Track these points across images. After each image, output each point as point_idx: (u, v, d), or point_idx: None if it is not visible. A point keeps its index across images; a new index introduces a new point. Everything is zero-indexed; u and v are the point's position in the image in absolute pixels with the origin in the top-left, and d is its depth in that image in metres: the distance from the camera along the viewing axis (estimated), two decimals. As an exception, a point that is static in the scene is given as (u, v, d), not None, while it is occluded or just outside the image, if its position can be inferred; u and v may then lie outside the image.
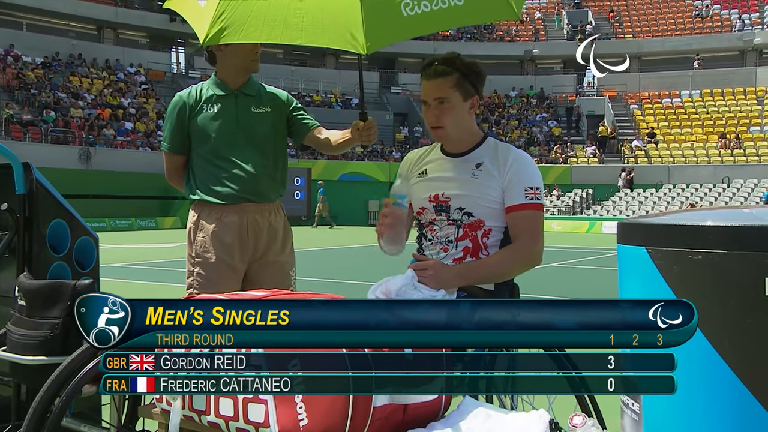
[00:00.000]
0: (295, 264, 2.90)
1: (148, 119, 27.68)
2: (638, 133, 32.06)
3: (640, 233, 1.28)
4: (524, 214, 2.15)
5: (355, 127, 2.57)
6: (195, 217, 2.75)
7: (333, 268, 11.05)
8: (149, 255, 12.94)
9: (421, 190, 2.26)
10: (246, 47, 2.66)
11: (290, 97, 2.89)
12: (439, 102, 2.16)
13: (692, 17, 37.46)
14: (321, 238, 18.58)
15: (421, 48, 38.04)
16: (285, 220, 2.87)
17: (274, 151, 2.79)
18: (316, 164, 28.00)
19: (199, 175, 2.74)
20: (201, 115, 2.72)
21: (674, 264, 1.21)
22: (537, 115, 34.94)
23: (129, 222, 22.93)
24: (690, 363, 1.19)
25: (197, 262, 2.72)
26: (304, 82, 34.39)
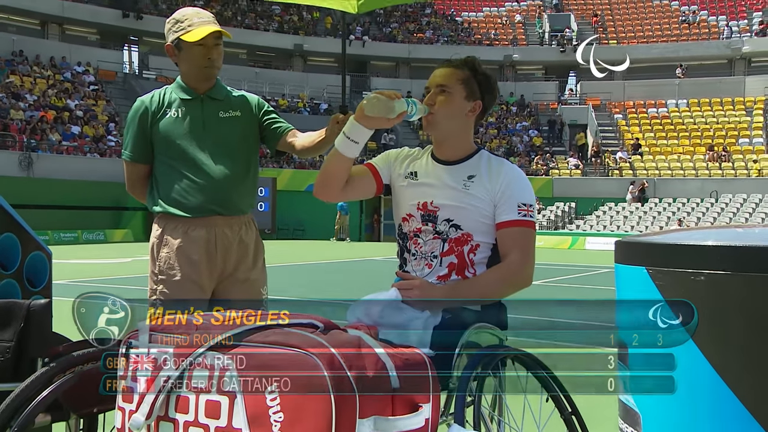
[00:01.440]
0: (266, 281, 2.89)
1: (97, 123, 27.28)
2: (623, 144, 32.63)
3: (639, 253, 1.32)
4: (516, 231, 2.17)
5: (334, 120, 2.58)
6: (159, 231, 2.73)
7: (304, 284, 11.00)
8: (98, 271, 12.73)
9: (410, 195, 2.27)
10: (199, 48, 2.66)
11: (261, 100, 2.89)
12: (441, 89, 2.20)
13: (679, 23, 38.41)
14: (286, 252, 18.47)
15: (394, 51, 38.33)
16: (257, 234, 2.87)
17: (245, 159, 2.79)
18: (282, 174, 27.92)
19: (163, 185, 2.72)
20: (164, 121, 2.72)
21: (676, 285, 1.25)
22: (517, 123, 35.37)
23: (75, 235, 22.52)
24: (693, 388, 1.23)
25: (161, 280, 2.70)
26: (269, 86, 34.31)
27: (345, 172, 2.23)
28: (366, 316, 1.95)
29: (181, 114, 2.73)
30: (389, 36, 39.04)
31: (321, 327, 1.67)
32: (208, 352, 1.59)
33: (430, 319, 2.01)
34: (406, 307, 2.01)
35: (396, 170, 2.33)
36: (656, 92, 34.77)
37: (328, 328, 1.68)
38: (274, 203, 26.85)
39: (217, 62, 2.73)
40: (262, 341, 1.58)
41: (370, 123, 2.10)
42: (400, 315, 1.97)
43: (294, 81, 35.50)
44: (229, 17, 36.05)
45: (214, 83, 2.79)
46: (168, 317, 1.78)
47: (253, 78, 34.07)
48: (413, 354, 1.77)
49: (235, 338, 1.61)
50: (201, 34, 2.63)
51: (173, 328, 1.70)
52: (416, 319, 1.99)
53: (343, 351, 1.57)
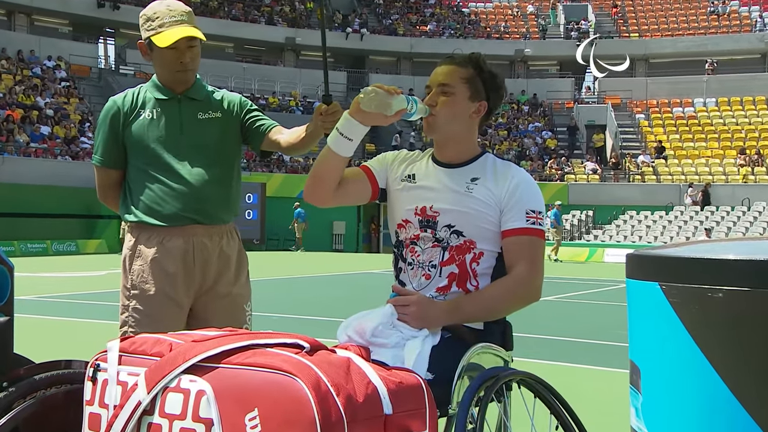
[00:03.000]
0: (250, 297, 2.90)
1: (70, 123, 27.33)
2: (645, 146, 32.70)
3: (652, 267, 1.33)
4: (524, 239, 2.18)
5: (318, 111, 2.58)
6: (132, 241, 2.75)
7: (294, 301, 11.01)
8: (69, 286, 12.73)
9: (407, 199, 2.28)
10: (171, 52, 2.66)
11: (244, 99, 2.91)
12: (443, 88, 2.21)
13: (707, 15, 38.58)
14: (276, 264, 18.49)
15: (395, 45, 38.47)
16: (239, 245, 2.88)
17: (226, 163, 2.81)
18: (272, 179, 27.98)
19: (136, 192, 2.74)
20: (138, 123, 2.74)
21: (691, 302, 1.26)
22: (529, 124, 35.45)
23: (44, 245, 22.52)
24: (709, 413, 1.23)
25: (133, 295, 2.70)
26: (258, 82, 34.42)
27: (338, 173, 2.23)
28: (357, 335, 1.95)
29: (156, 115, 2.75)
30: (389, 29, 39.19)
31: (307, 347, 1.67)
32: (183, 375, 1.59)
33: (428, 338, 2.01)
34: (401, 325, 2.01)
35: (393, 173, 2.34)
36: (682, 90, 34.87)
37: (315, 349, 1.68)
38: (263, 211, 26.89)
39: (191, 65, 2.74)
40: (242, 363, 1.59)
41: (365, 119, 2.11)
42: (394, 334, 1.97)
43: (285, 77, 35.61)
44: (214, 8, 36.21)
45: (193, 82, 2.81)
46: (140, 336, 1.78)
47: (241, 74, 34.19)
48: (408, 377, 1.78)
49: (212, 359, 1.61)
50: (171, 39, 2.64)
51: (145, 348, 1.71)
52: (413, 338, 1.99)
53: (331, 373, 1.57)
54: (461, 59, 2.24)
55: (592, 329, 8.39)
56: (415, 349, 1.93)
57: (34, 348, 1.93)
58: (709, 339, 1.24)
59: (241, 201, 13.31)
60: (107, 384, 1.68)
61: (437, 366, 1.95)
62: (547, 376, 2.27)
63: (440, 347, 2.01)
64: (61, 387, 1.95)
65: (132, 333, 2.59)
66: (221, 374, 1.58)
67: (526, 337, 7.04)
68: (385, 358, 1.88)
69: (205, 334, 1.80)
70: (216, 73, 31.05)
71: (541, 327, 8.33)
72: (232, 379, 1.56)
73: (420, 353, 1.92)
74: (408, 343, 1.95)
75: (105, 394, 1.68)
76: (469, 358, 2.05)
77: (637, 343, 1.38)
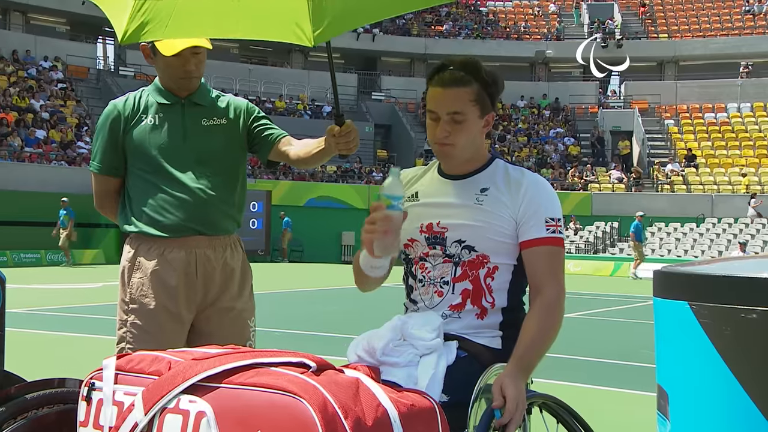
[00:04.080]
0: (254, 312, 2.91)
1: (66, 126, 27.54)
2: (674, 154, 32.58)
3: (681, 285, 1.32)
4: (545, 250, 2.17)
5: (329, 133, 2.58)
6: (131, 253, 2.76)
7: (301, 316, 11.00)
8: (64, 298, 12.79)
9: (411, 218, 2.26)
10: (175, 59, 2.70)
11: (251, 106, 2.93)
12: (454, 117, 2.18)
13: (741, 14, 38.47)
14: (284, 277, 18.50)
15: (409, 46, 38.57)
16: (244, 257, 2.90)
17: (231, 172, 2.83)
18: (278, 186, 28.06)
19: (136, 201, 2.76)
20: (139, 128, 2.76)
21: (724, 323, 1.25)
22: (550, 130, 35.42)
23: (37, 255, 22.65)
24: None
25: (132, 309, 2.72)
26: (264, 85, 34.60)
27: (384, 279, 2.30)
28: (368, 354, 1.94)
29: (158, 121, 2.77)
30: (403, 29, 39.30)
31: (313, 367, 1.67)
32: (183, 395, 1.59)
33: (443, 356, 2.00)
34: (413, 337, 1.99)
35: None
36: (714, 94, 34.76)
37: (322, 369, 1.68)
38: (268, 220, 26.97)
39: (196, 72, 2.78)
40: (245, 383, 1.59)
41: (384, 253, 2.14)
42: (406, 351, 1.96)
43: (293, 79, 35.77)
44: (218, 6, 36.41)
45: (198, 86, 2.83)
46: (137, 353, 1.79)
47: (247, 76, 34.39)
48: (420, 399, 1.77)
49: (213, 379, 1.61)
50: (176, 48, 2.69)
51: (143, 366, 1.71)
52: (426, 355, 1.98)
53: (339, 395, 1.57)
54: (463, 78, 2.17)
55: (617, 349, 8.34)
56: (429, 368, 1.92)
57: (26, 365, 1.94)
58: (743, 363, 1.23)
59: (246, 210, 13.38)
60: (102, 404, 1.68)
61: (452, 387, 1.95)
62: (569, 398, 2.26)
63: (456, 367, 2.00)
64: (53, 407, 1.95)
65: (130, 349, 2.61)
66: (222, 394, 1.58)
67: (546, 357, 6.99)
68: (397, 378, 1.87)
69: (206, 351, 1.80)
70: (220, 75, 31.23)
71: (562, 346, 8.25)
72: (234, 400, 1.56)
73: (434, 374, 1.92)
74: (422, 361, 1.94)
75: (100, 414, 1.68)
76: (486, 379, 2.04)
77: (665, 366, 1.37)
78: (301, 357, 1.70)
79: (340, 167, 30.89)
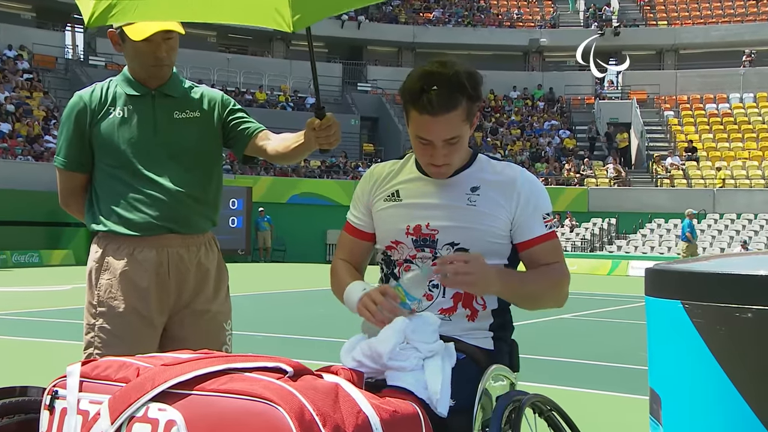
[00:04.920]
0: (231, 315, 2.91)
1: (32, 119, 27.36)
2: (674, 147, 32.74)
3: (674, 283, 1.32)
4: (548, 246, 2.26)
5: (309, 126, 2.57)
6: (99, 253, 2.75)
7: (283, 319, 11.00)
8: (30, 302, 12.71)
9: (394, 219, 2.28)
10: (145, 45, 2.68)
11: (226, 97, 2.92)
12: (449, 141, 2.16)
13: (744, 0, 38.65)
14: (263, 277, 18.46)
15: (396, 34, 38.56)
16: (219, 257, 2.89)
17: (204, 167, 2.82)
18: (259, 182, 28.00)
19: (104, 199, 2.74)
20: (107, 121, 2.74)
21: (718, 323, 1.25)
22: (545, 122, 35.51)
23: (3, 257, 22.50)
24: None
25: (100, 313, 2.70)
26: (244, 75, 34.50)
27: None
28: (371, 360, 1.94)
29: (127, 113, 2.75)
30: (390, 16, 39.28)
31: (290, 372, 1.67)
32: (151, 403, 1.59)
33: (446, 359, 2.01)
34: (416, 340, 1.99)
35: (375, 197, 2.35)
36: (716, 84, 34.94)
37: (299, 373, 1.68)
38: (249, 218, 26.91)
39: (168, 60, 2.75)
40: (218, 389, 1.58)
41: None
42: (411, 354, 1.96)
43: (274, 70, 35.69)
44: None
45: (169, 76, 2.81)
46: (104, 360, 1.78)
47: (225, 66, 34.27)
48: (404, 405, 1.78)
49: (184, 386, 1.60)
50: (146, 32, 2.65)
51: (109, 372, 1.70)
52: (429, 358, 1.98)
53: (317, 401, 1.57)
54: (451, 100, 2.10)
55: (613, 351, 8.38)
56: (437, 372, 1.93)
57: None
58: (738, 364, 1.23)
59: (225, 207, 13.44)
60: (66, 413, 1.67)
61: (455, 391, 1.96)
62: (560, 403, 2.28)
63: (457, 370, 2.02)
64: (14, 417, 1.94)
65: (98, 355, 2.60)
66: (194, 402, 1.57)
67: (535, 359, 7.03)
68: (407, 384, 1.88)
69: (176, 356, 1.79)
70: (196, 65, 31.10)
71: (554, 348, 8.31)
72: (206, 408, 1.56)
73: (444, 379, 1.93)
74: (427, 365, 1.95)
75: (64, 424, 1.67)
76: (486, 381, 2.09)
77: (658, 368, 1.38)
78: (277, 361, 1.70)
79: (325, 162, 30.85)
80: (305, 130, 2.62)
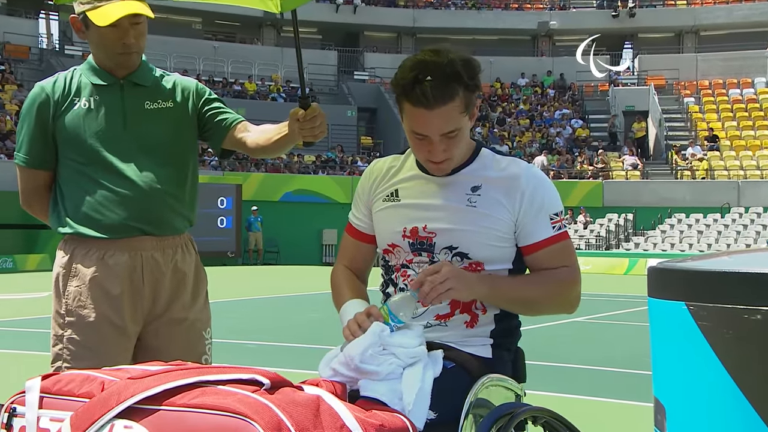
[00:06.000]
0: (210, 322, 2.90)
1: (4, 114, 27.38)
2: (695, 136, 32.73)
3: (677, 283, 1.31)
4: (555, 248, 2.23)
5: (293, 117, 2.56)
6: (66, 258, 2.74)
7: (276, 325, 10.96)
8: (3, 310, 12.72)
9: (392, 220, 2.28)
10: (110, 31, 2.65)
11: (201, 86, 2.91)
12: (447, 135, 2.15)
13: (767, -22, 38.60)
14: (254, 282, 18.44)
15: (395, 18, 38.58)
16: (197, 260, 2.88)
17: (179, 162, 2.81)
18: (249, 179, 28.00)
19: (70, 198, 2.73)
20: (72, 114, 2.73)
21: (725, 326, 1.24)
22: (555, 111, 35.51)
23: (-25, 262, 22.54)
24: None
25: (69, 323, 2.69)
26: (232, 64, 34.51)
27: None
28: (344, 366, 1.93)
29: (94, 104, 2.74)
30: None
31: (266, 384, 1.66)
32: (117, 420, 1.59)
33: (429, 367, 2.00)
34: (393, 345, 1.98)
35: (374, 196, 2.35)
36: (739, 68, 34.94)
37: (277, 386, 1.67)
38: (238, 218, 26.91)
39: (136, 46, 2.72)
40: (188, 404, 1.58)
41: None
42: (386, 360, 1.95)
43: (265, 58, 35.71)
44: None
45: (139, 64, 2.80)
46: (66, 373, 1.77)
47: (212, 54, 34.28)
48: (392, 418, 1.77)
49: (152, 400, 1.60)
50: (111, 17, 2.61)
51: (72, 387, 1.69)
52: (410, 366, 1.97)
53: (295, 415, 1.56)
54: (447, 90, 2.10)
55: (628, 356, 8.37)
56: (414, 381, 1.91)
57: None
58: (746, 370, 1.23)
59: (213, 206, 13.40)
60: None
61: (440, 402, 1.95)
62: (566, 412, 2.27)
63: (442, 380, 2.01)
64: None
65: (68, 369, 2.58)
66: (162, 418, 1.57)
67: (544, 366, 7.02)
68: (379, 394, 1.87)
69: (145, 369, 1.79)
70: (181, 54, 31.13)
71: (565, 353, 8.29)
72: (176, 424, 1.55)
73: (421, 389, 1.91)
74: (406, 373, 1.94)
75: (22, 443, 1.66)
76: (476, 392, 2.05)
77: (662, 376, 1.37)
78: (253, 373, 1.70)
79: (320, 157, 30.86)
80: (288, 121, 2.61)
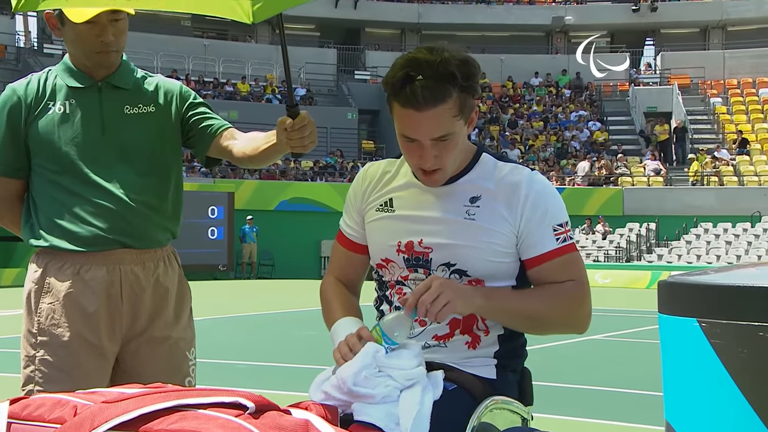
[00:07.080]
0: (194, 342, 2.91)
1: (-19, 118, 27.50)
2: (723, 139, 32.72)
3: (688, 298, 1.32)
4: (558, 262, 2.20)
5: (281, 126, 2.56)
6: (38, 272, 2.74)
7: (271, 344, 10.97)
8: (-23, 328, 12.72)
9: (385, 233, 2.28)
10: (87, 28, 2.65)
11: (186, 89, 2.93)
12: (439, 139, 2.14)
13: (799, -31, 38.66)
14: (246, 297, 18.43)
15: (399, 14, 38.65)
16: (181, 274, 2.89)
17: (161, 171, 2.82)
18: (242, 187, 28.02)
19: (44, 209, 2.74)
20: (45, 118, 2.74)
21: (739, 344, 1.25)
22: (571, 113, 35.53)
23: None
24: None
25: (41, 343, 2.70)
26: (223, 64, 34.59)
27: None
28: (337, 389, 1.93)
29: (69, 109, 2.75)
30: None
31: (251, 408, 1.66)
32: None
33: (428, 389, 2.00)
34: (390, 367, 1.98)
35: (367, 204, 2.36)
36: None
37: (262, 409, 1.68)
38: (230, 228, 26.92)
39: (115, 45, 2.73)
40: (166, 430, 1.59)
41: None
42: (382, 382, 1.95)
43: (259, 57, 35.77)
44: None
45: (118, 65, 2.81)
46: (36, 397, 1.77)
47: (202, 53, 34.37)
48: (386, 445, 1.77)
49: (128, 426, 1.60)
50: (88, 13, 2.62)
51: (42, 412, 1.70)
52: (408, 388, 1.97)
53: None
54: (438, 91, 2.08)
55: (646, 377, 8.33)
56: (412, 405, 1.92)
57: None
58: (762, 392, 1.23)
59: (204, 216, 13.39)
60: (-9, 462, 1.67)
61: (440, 427, 1.95)
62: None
63: (443, 402, 2.01)
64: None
65: (40, 392, 2.58)
66: (138, 445, 1.57)
67: (557, 387, 7.00)
68: (374, 419, 1.87)
69: (121, 392, 1.79)
70: (169, 53, 31.22)
71: (579, 374, 8.28)
72: (152, 452, 1.56)
73: (420, 412, 1.91)
74: (403, 396, 1.94)
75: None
76: (479, 416, 2.05)
77: (673, 398, 1.37)
78: (237, 396, 1.70)
79: (318, 162, 30.90)
80: (276, 131, 2.61)
